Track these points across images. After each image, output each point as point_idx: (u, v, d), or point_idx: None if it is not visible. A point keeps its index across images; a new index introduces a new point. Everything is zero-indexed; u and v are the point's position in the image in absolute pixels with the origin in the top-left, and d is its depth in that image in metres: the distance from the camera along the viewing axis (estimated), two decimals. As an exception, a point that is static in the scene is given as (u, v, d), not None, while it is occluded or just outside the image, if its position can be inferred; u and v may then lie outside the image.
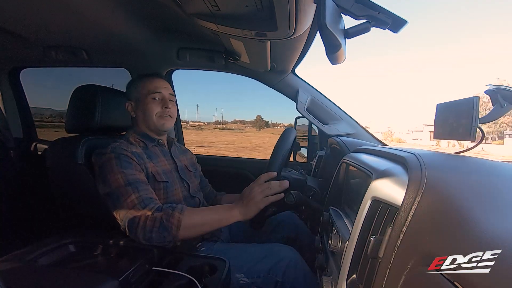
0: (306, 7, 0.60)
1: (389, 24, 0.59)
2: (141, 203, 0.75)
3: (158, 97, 0.96)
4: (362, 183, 0.59)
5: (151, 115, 0.95)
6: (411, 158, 0.43)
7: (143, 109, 0.95)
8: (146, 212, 0.73)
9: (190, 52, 1.27)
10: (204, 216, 0.78)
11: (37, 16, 0.87)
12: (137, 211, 0.73)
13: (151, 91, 0.95)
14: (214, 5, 0.64)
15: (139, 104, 0.96)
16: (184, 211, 0.76)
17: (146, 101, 0.94)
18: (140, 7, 0.90)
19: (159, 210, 0.75)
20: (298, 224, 1.10)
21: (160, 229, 0.72)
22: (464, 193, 0.36)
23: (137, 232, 0.72)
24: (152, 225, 0.72)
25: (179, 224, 0.73)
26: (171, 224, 0.73)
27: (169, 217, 0.73)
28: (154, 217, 0.73)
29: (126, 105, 0.97)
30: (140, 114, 0.96)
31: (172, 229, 0.72)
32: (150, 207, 0.74)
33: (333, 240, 0.55)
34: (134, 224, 0.72)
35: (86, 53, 1.24)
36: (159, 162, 0.93)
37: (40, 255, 0.67)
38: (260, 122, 14.10)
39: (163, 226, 0.72)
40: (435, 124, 0.58)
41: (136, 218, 0.72)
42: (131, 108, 0.97)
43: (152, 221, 0.72)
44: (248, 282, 0.79)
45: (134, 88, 0.97)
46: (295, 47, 0.99)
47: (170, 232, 0.72)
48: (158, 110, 0.95)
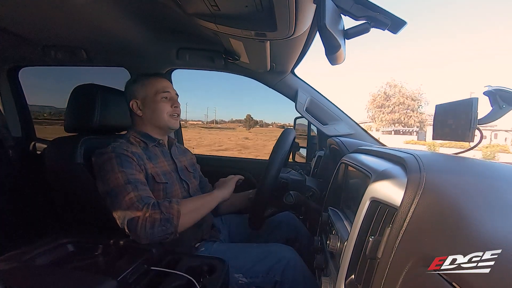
0: (305, 7, 0.60)
1: (389, 25, 0.59)
2: (140, 201, 0.75)
3: (168, 96, 0.96)
4: (361, 183, 0.59)
5: (161, 114, 0.95)
6: (410, 158, 0.43)
7: (152, 108, 0.95)
8: (145, 210, 0.74)
9: (189, 52, 1.27)
10: (196, 202, 0.86)
11: (37, 15, 0.87)
12: (136, 210, 0.73)
13: (160, 90, 0.95)
14: (214, 5, 0.64)
15: (148, 102, 0.95)
16: (179, 201, 0.80)
17: (156, 100, 0.94)
18: (139, 7, 0.90)
19: (156, 205, 0.76)
20: (297, 224, 1.10)
21: (162, 221, 0.74)
22: (463, 193, 0.36)
23: (137, 230, 0.72)
24: (153, 220, 0.73)
25: (178, 214, 0.77)
26: (171, 215, 0.75)
27: (168, 209, 0.76)
28: (154, 212, 0.74)
29: (131, 104, 0.96)
30: (148, 112, 0.95)
31: (173, 219, 0.75)
32: (147, 204, 0.75)
33: (332, 240, 0.55)
34: (134, 223, 0.72)
35: (85, 52, 1.23)
36: (159, 163, 0.93)
37: (38, 255, 0.66)
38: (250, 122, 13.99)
39: (164, 218, 0.74)
40: (434, 125, 0.59)
41: (136, 217, 0.73)
42: (136, 107, 0.96)
43: (152, 216, 0.73)
44: (247, 282, 0.79)
45: (140, 87, 0.96)
46: (294, 47, 0.99)
47: (172, 222, 0.75)
48: (169, 109, 0.96)
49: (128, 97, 0.98)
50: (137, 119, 0.98)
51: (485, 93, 0.53)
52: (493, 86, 0.51)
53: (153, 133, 0.97)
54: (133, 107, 0.96)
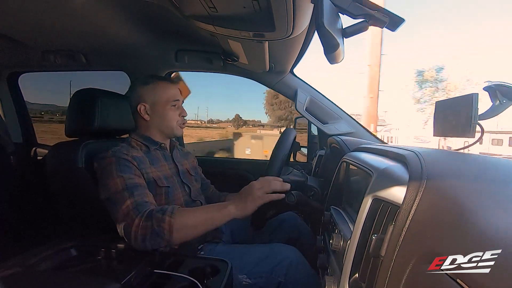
0: (303, 7, 0.60)
1: (387, 22, 0.59)
2: (134, 209, 0.73)
3: (177, 105, 0.97)
4: (363, 182, 0.59)
5: (171, 123, 0.95)
6: (411, 156, 0.43)
7: (161, 115, 0.94)
8: (137, 220, 0.71)
9: (188, 54, 1.27)
10: (196, 216, 0.75)
11: (35, 20, 0.87)
12: (130, 219, 0.72)
13: (171, 98, 0.95)
14: (212, 6, 0.64)
15: (157, 108, 0.94)
16: (174, 213, 0.72)
17: (167, 108, 0.94)
18: (137, 10, 0.90)
19: (149, 216, 0.72)
20: (300, 224, 1.10)
21: (153, 236, 0.70)
22: (464, 191, 0.36)
23: (131, 240, 0.71)
24: (144, 233, 0.70)
25: (170, 228, 0.71)
26: (162, 229, 0.70)
27: (160, 222, 0.71)
28: (145, 225, 0.71)
29: (138, 107, 0.94)
30: (156, 118, 0.95)
31: (164, 234, 0.70)
32: (141, 214, 0.72)
33: (335, 239, 0.55)
34: (128, 232, 0.71)
35: (84, 57, 1.24)
36: (161, 166, 0.93)
37: (41, 260, 0.66)
38: (239, 121, 13.97)
39: (155, 233, 0.70)
40: (434, 122, 0.59)
41: (129, 226, 0.71)
42: (144, 111, 0.94)
43: (143, 229, 0.70)
44: (251, 283, 0.79)
45: (151, 91, 0.95)
46: (293, 47, 0.99)
47: (163, 237, 0.70)
48: (178, 118, 0.97)
49: (135, 99, 0.96)
50: (142, 123, 0.97)
51: (485, 89, 0.53)
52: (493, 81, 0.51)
53: (156, 137, 0.97)
54: (140, 111, 0.94)
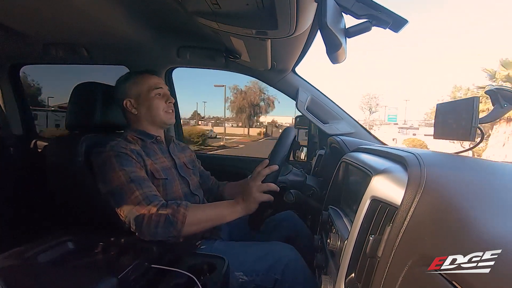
0: (307, 6, 0.60)
1: (390, 23, 0.58)
2: (145, 199, 0.75)
3: (161, 93, 0.96)
4: (362, 182, 0.59)
5: (157, 111, 0.95)
6: (410, 157, 0.43)
7: (147, 105, 0.94)
8: (152, 208, 0.74)
9: (190, 50, 1.27)
10: (208, 213, 0.81)
11: (37, 13, 0.87)
12: (142, 208, 0.74)
13: (153, 86, 0.95)
14: (215, 3, 0.64)
15: (141, 100, 0.95)
16: (189, 208, 0.77)
17: (150, 97, 0.94)
18: (141, 5, 0.90)
19: (164, 206, 0.76)
20: (298, 223, 1.11)
21: (166, 224, 0.73)
22: (463, 193, 0.36)
23: (142, 228, 0.73)
24: (157, 220, 0.73)
25: (184, 219, 0.75)
26: (176, 219, 0.74)
27: (175, 212, 0.75)
28: (160, 213, 0.74)
29: (124, 103, 0.95)
30: (143, 110, 0.95)
31: (177, 224, 0.74)
32: (155, 203, 0.75)
33: (332, 239, 0.56)
34: (139, 220, 0.73)
35: (86, 50, 1.23)
36: (158, 159, 0.93)
37: (39, 253, 0.66)
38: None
39: (169, 221, 0.74)
40: (435, 124, 0.58)
41: (141, 214, 0.73)
42: (130, 105, 0.95)
43: (158, 216, 0.73)
44: (247, 280, 0.80)
45: (133, 85, 0.96)
46: (295, 46, 0.99)
47: (175, 226, 0.74)
48: (163, 105, 0.96)
49: (120, 96, 0.96)
50: (132, 118, 0.97)
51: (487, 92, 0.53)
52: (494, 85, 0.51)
53: (150, 130, 0.97)
54: (127, 106, 0.95)
